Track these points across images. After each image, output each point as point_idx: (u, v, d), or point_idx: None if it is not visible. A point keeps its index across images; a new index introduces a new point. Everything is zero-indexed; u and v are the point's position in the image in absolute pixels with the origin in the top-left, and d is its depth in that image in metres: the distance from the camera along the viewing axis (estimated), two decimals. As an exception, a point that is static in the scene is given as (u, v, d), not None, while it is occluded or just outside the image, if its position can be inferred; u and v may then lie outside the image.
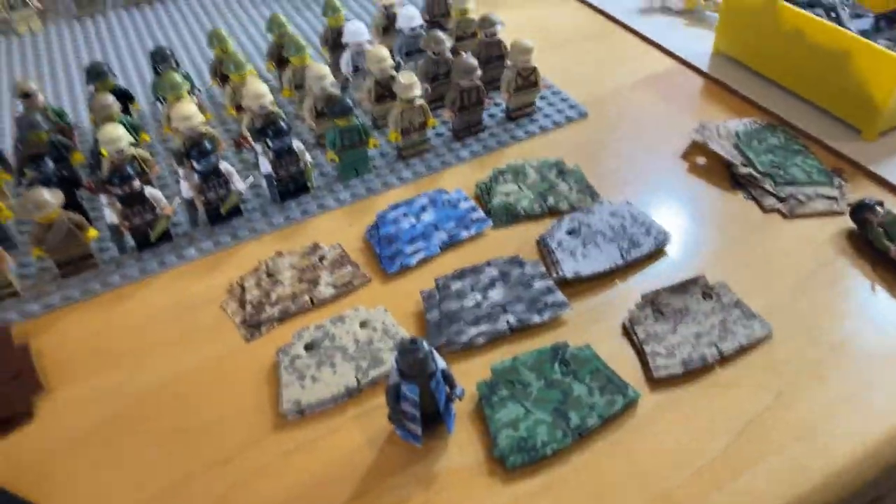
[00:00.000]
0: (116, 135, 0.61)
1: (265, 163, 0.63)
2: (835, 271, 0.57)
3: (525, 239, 0.61)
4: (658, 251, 0.59)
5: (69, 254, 0.59)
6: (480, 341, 0.52)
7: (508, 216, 0.63)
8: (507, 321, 0.53)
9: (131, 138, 0.62)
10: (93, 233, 0.59)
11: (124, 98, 0.73)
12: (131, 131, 0.66)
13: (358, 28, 0.74)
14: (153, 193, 0.60)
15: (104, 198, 0.58)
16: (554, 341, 0.51)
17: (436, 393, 0.43)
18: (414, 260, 0.59)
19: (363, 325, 0.53)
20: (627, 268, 0.58)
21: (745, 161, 0.66)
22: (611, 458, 0.45)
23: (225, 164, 0.62)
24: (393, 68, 0.71)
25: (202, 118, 0.63)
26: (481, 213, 0.63)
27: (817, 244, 0.59)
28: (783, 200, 0.63)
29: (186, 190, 0.61)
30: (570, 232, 0.60)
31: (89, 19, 1.00)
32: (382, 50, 0.69)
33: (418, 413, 0.43)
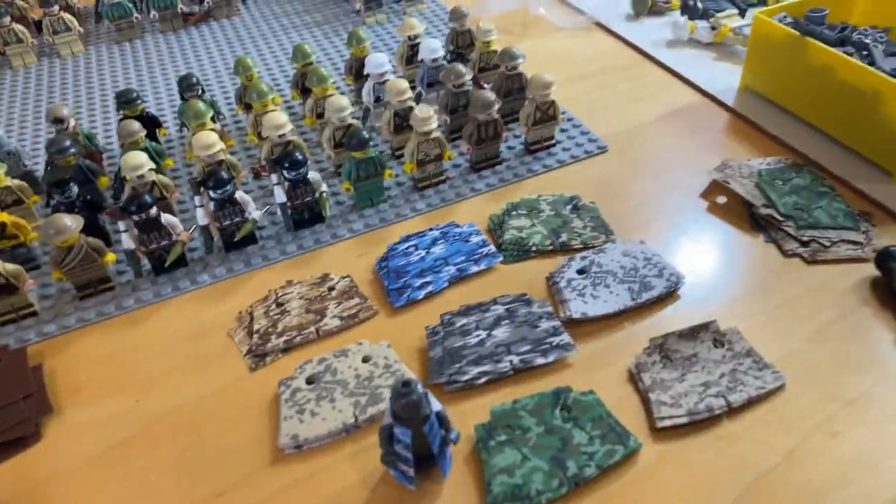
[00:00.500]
0: (138, 162, 0.62)
1: (280, 192, 0.64)
2: (856, 322, 0.55)
3: (535, 275, 0.60)
4: (670, 294, 0.57)
5: (87, 276, 0.60)
6: (482, 381, 0.51)
7: (519, 251, 0.62)
8: (511, 361, 0.52)
9: (153, 165, 0.64)
10: (110, 257, 0.61)
11: (152, 124, 0.76)
12: (155, 157, 0.68)
13: (380, 60, 0.75)
14: (169, 220, 0.61)
15: (122, 223, 0.60)
16: (557, 384, 0.50)
17: (429, 436, 0.43)
18: (421, 294, 0.59)
19: (365, 360, 0.53)
20: (637, 310, 0.56)
21: (767, 202, 0.64)
22: (608, 511, 0.44)
23: (241, 193, 0.63)
24: (413, 99, 0.71)
25: (222, 146, 0.65)
26: (492, 248, 0.62)
27: (839, 292, 0.57)
28: (805, 244, 0.61)
29: (202, 217, 0.62)
30: (581, 271, 0.59)
31: (128, 44, 1.04)
32: (402, 83, 0.70)
33: (411, 455, 0.43)
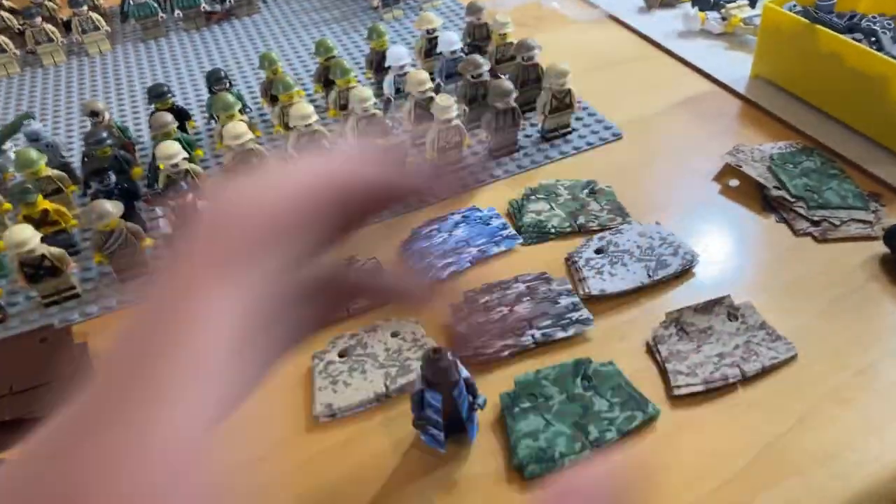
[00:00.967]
0: (172, 151, 0.65)
1: (308, 179, 0.67)
2: (865, 296, 0.57)
3: (554, 256, 0.63)
4: (685, 272, 0.60)
5: (126, 260, 0.63)
6: (505, 354, 0.54)
7: (538, 234, 0.65)
8: (532, 335, 0.54)
9: (186, 154, 0.67)
10: (148, 241, 0.64)
11: (182, 116, 0.79)
12: (186, 147, 0.71)
13: (400, 53, 0.77)
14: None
15: (159, 209, 0.63)
16: (577, 356, 0.53)
17: (458, 401, 0.45)
18: (445, 274, 0.61)
19: (394, 335, 0.56)
20: (654, 287, 0.59)
21: (779, 184, 0.66)
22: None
23: (271, 180, 0.66)
24: (433, 90, 0.74)
25: (251, 136, 0.68)
26: (512, 230, 0.65)
27: (849, 269, 0.59)
28: (816, 224, 0.63)
29: (235, 203, 0.65)
30: (599, 251, 0.61)
31: (153, 42, 1.07)
32: (422, 73, 0.73)
33: (441, 419, 0.45)
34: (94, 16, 1.04)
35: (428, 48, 0.85)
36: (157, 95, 0.77)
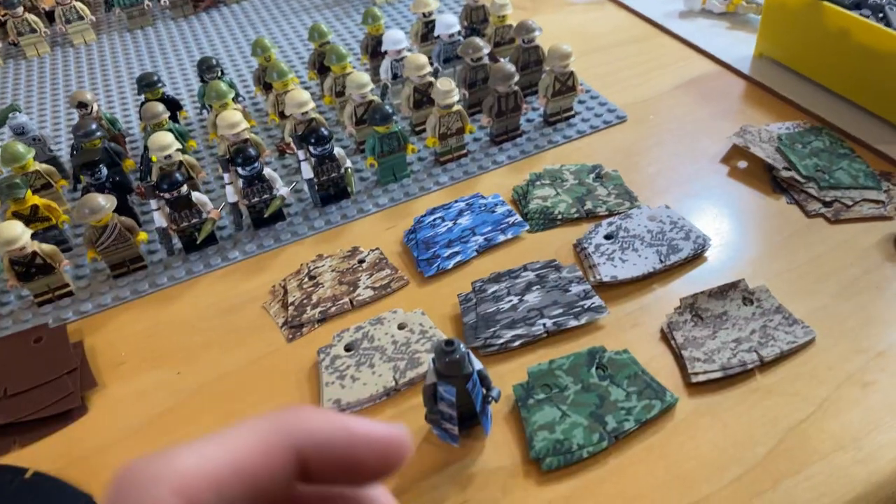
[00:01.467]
0: (166, 142, 0.63)
1: (307, 168, 0.65)
2: (881, 277, 0.55)
3: (562, 243, 0.61)
4: (697, 256, 0.58)
5: (121, 255, 0.61)
6: (516, 344, 0.52)
7: (545, 220, 0.63)
8: (544, 324, 0.53)
9: (179, 145, 0.65)
10: (143, 236, 0.62)
11: (173, 106, 0.76)
12: (179, 138, 0.69)
13: (397, 36, 0.75)
14: (199, 198, 0.62)
15: (153, 202, 0.61)
16: (591, 345, 0.51)
17: (472, 394, 0.44)
18: (451, 263, 0.60)
19: (401, 327, 0.54)
20: (666, 272, 0.57)
21: (788, 165, 0.65)
22: (647, 463, 0.45)
23: (268, 170, 0.64)
24: (431, 75, 0.72)
25: (247, 125, 0.65)
26: (518, 217, 0.63)
27: (863, 249, 0.58)
28: (828, 204, 0.62)
29: (231, 194, 0.63)
30: (608, 236, 0.59)
31: (140, 31, 1.04)
32: (421, 57, 0.71)
33: (455, 413, 0.44)
34: (78, 5, 1.01)
35: (425, 32, 0.83)
36: (148, 85, 0.74)
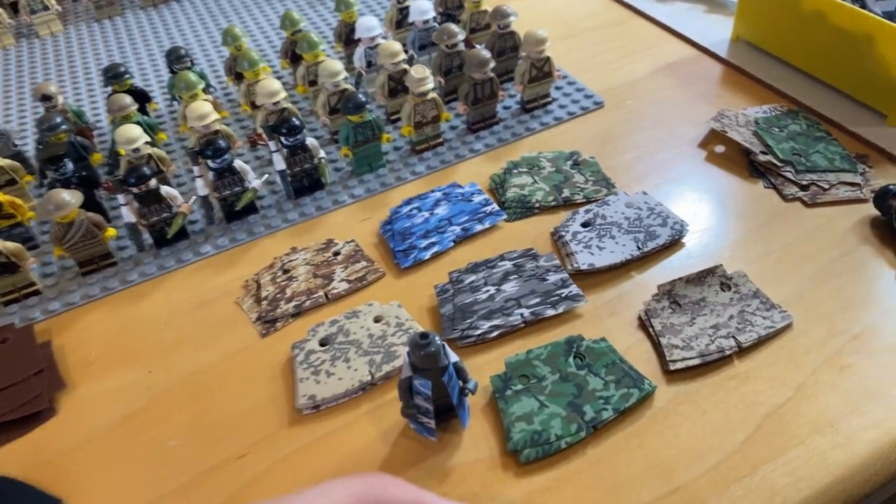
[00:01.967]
0: (133, 135, 0.61)
1: (279, 159, 0.63)
2: (857, 260, 0.55)
3: (539, 231, 0.61)
4: (675, 242, 0.58)
5: (89, 253, 0.60)
6: (494, 335, 0.52)
7: (522, 209, 0.62)
8: (521, 314, 0.52)
9: (148, 138, 0.63)
10: (111, 232, 0.60)
11: (141, 98, 0.74)
12: (148, 131, 0.67)
13: (371, 23, 0.74)
14: (169, 192, 0.61)
15: (121, 197, 0.59)
16: (568, 334, 0.51)
17: (448, 387, 0.43)
18: (427, 254, 0.59)
19: (377, 320, 0.53)
20: (644, 259, 0.57)
21: (766, 149, 0.65)
22: (626, 452, 0.45)
23: (239, 162, 0.63)
24: (406, 62, 0.71)
25: (217, 116, 0.64)
26: (495, 206, 0.62)
27: (839, 232, 0.58)
28: (805, 188, 0.61)
29: (202, 187, 0.62)
30: (586, 224, 0.59)
31: (108, 21, 1.02)
32: (395, 45, 0.69)
33: (431, 407, 0.43)
34: (43, -6, 0.98)
35: (399, 18, 0.81)
36: (115, 76, 0.72)
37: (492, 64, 0.68)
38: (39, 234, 0.66)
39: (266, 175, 0.67)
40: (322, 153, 0.65)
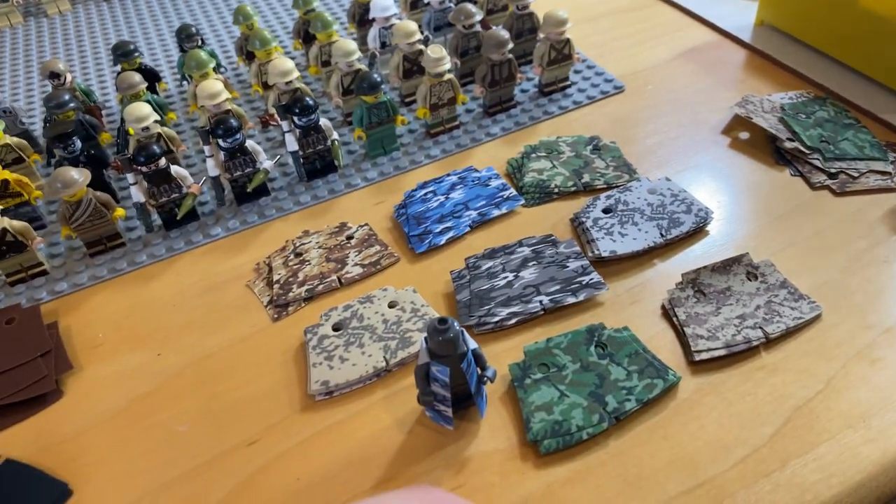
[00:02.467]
0: (143, 113, 0.60)
1: (291, 140, 0.62)
2: (888, 250, 0.54)
3: (559, 217, 0.59)
4: (699, 229, 0.56)
5: (97, 233, 0.58)
6: (512, 322, 0.50)
7: (541, 194, 0.61)
8: (541, 302, 0.51)
9: (157, 116, 0.61)
10: (120, 212, 0.59)
11: (151, 77, 0.73)
12: (158, 110, 0.66)
13: (385, 3, 0.72)
14: (179, 171, 0.59)
15: (131, 176, 0.58)
16: (589, 323, 0.49)
17: (466, 374, 0.42)
18: (443, 239, 0.57)
19: (392, 305, 0.52)
20: (667, 247, 0.55)
21: (792, 135, 0.63)
22: (650, 444, 0.43)
23: (251, 143, 0.61)
24: (421, 43, 0.69)
25: (228, 96, 0.62)
26: (513, 191, 0.61)
27: (869, 222, 0.56)
28: (833, 176, 0.60)
29: (213, 168, 0.60)
30: (607, 210, 0.57)
31: (116, 0, 1.00)
32: (411, 24, 0.67)
33: (449, 395, 0.42)
34: (51, -28, 0.96)
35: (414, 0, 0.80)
36: (124, 54, 0.71)
37: (510, 45, 0.66)
38: (47, 214, 0.64)
39: (278, 156, 0.65)
40: (335, 135, 0.64)
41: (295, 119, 0.61)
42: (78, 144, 0.60)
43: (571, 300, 0.51)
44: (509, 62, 0.67)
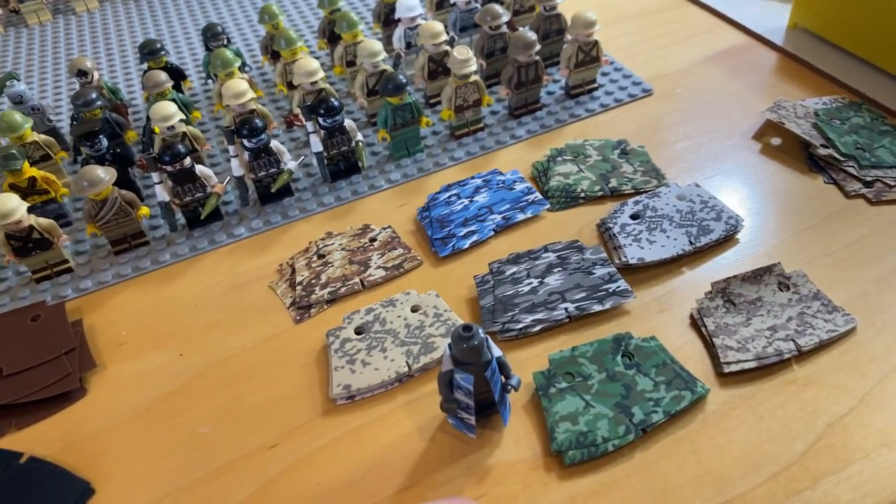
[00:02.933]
0: (168, 112, 0.60)
1: (316, 141, 0.61)
2: (927, 262, 0.52)
3: (585, 223, 0.58)
4: (729, 238, 0.55)
5: (121, 231, 0.59)
6: (536, 329, 0.49)
7: (567, 198, 0.60)
8: (566, 309, 0.50)
9: (183, 115, 0.61)
10: (144, 210, 0.59)
11: (177, 76, 0.73)
12: (183, 109, 0.66)
13: (411, 3, 0.71)
14: (203, 171, 0.59)
15: (155, 175, 0.58)
16: (615, 331, 0.48)
17: (491, 382, 0.41)
18: (467, 243, 0.57)
19: (414, 310, 0.51)
20: (696, 255, 0.54)
21: (826, 142, 0.61)
22: (677, 458, 0.42)
23: (275, 143, 0.61)
24: (447, 44, 0.68)
25: (253, 95, 0.62)
26: (538, 195, 0.60)
27: (907, 233, 0.54)
28: (869, 185, 0.58)
29: (237, 168, 0.60)
30: (635, 216, 0.56)
31: (144, -2, 1.01)
32: (436, 25, 0.67)
33: (472, 402, 0.41)
34: (81, -30, 0.97)
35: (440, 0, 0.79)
36: (150, 53, 0.71)
37: (537, 47, 0.65)
38: (73, 212, 0.65)
39: (303, 157, 0.65)
40: (360, 136, 0.63)
41: (320, 120, 0.61)
42: (104, 142, 0.61)
43: (597, 308, 0.50)
44: (536, 64, 0.66)
